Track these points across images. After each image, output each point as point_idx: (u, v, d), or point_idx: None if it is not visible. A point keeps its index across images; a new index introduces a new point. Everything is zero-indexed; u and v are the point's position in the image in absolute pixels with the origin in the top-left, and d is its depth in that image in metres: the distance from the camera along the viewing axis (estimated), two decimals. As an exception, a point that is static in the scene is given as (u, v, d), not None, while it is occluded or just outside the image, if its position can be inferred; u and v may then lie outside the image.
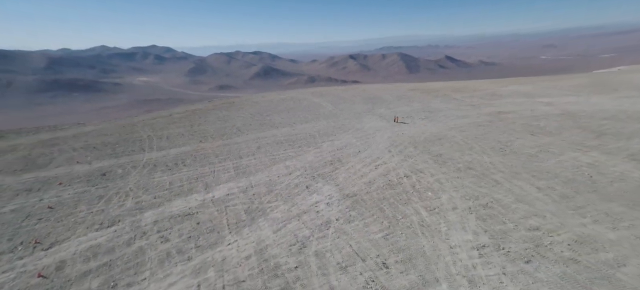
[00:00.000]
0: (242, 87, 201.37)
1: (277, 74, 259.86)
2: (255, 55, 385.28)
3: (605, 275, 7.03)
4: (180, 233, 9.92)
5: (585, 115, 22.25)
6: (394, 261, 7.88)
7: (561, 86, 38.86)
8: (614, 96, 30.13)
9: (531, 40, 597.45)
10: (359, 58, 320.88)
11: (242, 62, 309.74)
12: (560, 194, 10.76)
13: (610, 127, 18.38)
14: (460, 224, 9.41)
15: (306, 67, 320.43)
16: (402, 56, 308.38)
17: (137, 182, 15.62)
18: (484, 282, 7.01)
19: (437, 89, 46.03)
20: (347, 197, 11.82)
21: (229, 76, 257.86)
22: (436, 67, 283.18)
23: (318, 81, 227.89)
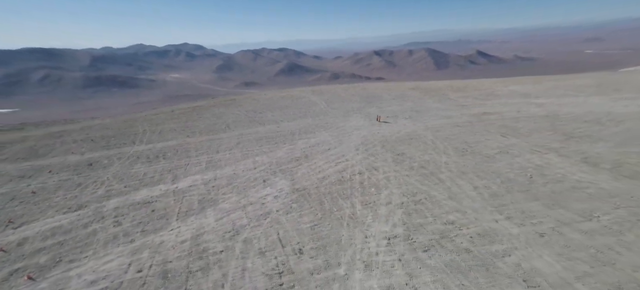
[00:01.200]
0: (266, 83, 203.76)
1: (301, 70, 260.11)
2: (281, 52, 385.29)
3: (486, 263, 7.49)
4: (133, 219, 10.92)
5: (568, 118, 22.05)
6: (309, 248, 8.56)
7: (567, 86, 38.03)
8: (613, 97, 29.45)
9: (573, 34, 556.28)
10: (384, 54, 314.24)
11: (267, 59, 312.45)
12: (492, 192, 11.12)
13: (585, 130, 18.27)
14: (385, 217, 9.97)
15: (330, 64, 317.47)
16: (430, 52, 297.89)
17: (116, 172, 16.84)
18: (378, 266, 7.60)
19: (438, 88, 45.81)
20: (296, 191, 12.53)
21: (254, 73, 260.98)
22: (466, 63, 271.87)
23: (342, 78, 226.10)
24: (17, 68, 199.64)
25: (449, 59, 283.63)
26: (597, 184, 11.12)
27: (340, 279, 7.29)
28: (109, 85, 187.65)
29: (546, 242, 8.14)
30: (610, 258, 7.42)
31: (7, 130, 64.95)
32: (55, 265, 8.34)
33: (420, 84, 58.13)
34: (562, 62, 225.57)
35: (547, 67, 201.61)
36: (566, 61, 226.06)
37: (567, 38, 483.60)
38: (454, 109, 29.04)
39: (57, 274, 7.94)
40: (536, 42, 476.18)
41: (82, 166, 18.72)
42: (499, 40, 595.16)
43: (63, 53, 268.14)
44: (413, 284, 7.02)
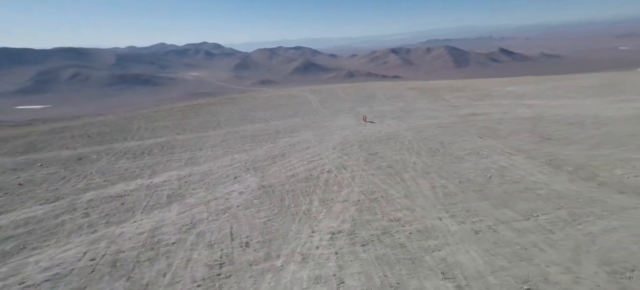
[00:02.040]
0: (281, 82, 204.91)
1: (316, 69, 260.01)
2: (297, 50, 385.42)
3: (414, 257, 7.77)
4: (102, 211, 11.51)
5: (552, 120, 21.92)
6: (256, 241, 8.96)
7: (568, 86, 37.47)
8: (610, 99, 29.00)
9: (605, 29, 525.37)
10: (401, 52, 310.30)
11: (283, 58, 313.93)
12: (447, 192, 11.33)
13: (564, 132, 18.20)
14: (337, 214, 10.31)
15: (346, 62, 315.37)
16: (449, 49, 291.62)
17: (101, 167, 17.55)
18: (315, 259, 7.96)
19: (436, 88, 45.71)
20: (262, 187, 12.95)
21: (270, 71, 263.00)
22: (488, 61, 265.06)
23: (357, 76, 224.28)
24: (50, 67, 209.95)
25: (469, 57, 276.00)
26: (551, 185, 11.22)
27: (275, 270, 7.68)
28: (132, 83, 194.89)
29: (478, 239, 8.37)
30: (530, 254, 7.62)
31: (18, 126, 67.08)
32: (19, 252, 8.94)
33: (420, 83, 57.97)
34: (592, 59, 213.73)
35: (574, 65, 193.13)
36: (597, 59, 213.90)
37: (598, 34, 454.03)
38: (444, 110, 29.07)
39: (17, 260, 8.53)
40: (563, 39, 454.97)
41: (72, 161, 19.51)
42: (522, 36, 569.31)
43: (91, 52, 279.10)
44: (340, 274, 7.35)
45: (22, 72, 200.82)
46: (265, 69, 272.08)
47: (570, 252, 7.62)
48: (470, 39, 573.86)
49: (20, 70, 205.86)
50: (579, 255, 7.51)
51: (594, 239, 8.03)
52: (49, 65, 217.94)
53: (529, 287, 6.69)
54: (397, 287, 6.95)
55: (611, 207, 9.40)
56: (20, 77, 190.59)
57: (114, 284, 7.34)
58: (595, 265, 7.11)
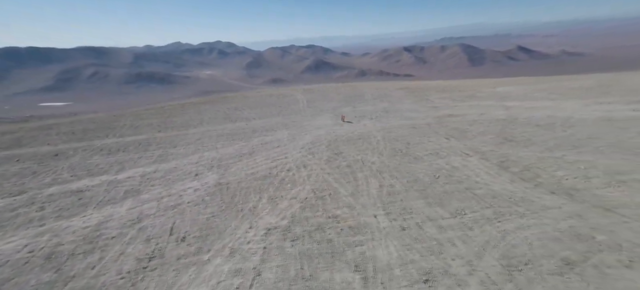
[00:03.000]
0: (293, 80, 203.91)
1: (327, 67, 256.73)
2: (308, 49, 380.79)
3: (336, 252, 8.10)
4: (57, 205, 11.87)
5: (524, 122, 22.07)
6: (193, 236, 9.28)
7: (559, 88, 37.47)
8: (589, 101, 29.06)
9: (634, 25, 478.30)
10: (415, 50, 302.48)
11: (295, 56, 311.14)
12: (392, 191, 11.59)
13: (529, 134, 18.36)
14: (281, 210, 10.60)
15: (357, 61, 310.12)
16: (463, 47, 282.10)
17: (73, 163, 17.93)
18: (242, 253, 8.27)
19: (425, 88, 45.90)
20: (219, 185, 13.27)
21: (281, 70, 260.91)
22: (504, 59, 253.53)
23: (369, 75, 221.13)
24: (71, 65, 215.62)
25: (484, 55, 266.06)
26: (490, 185, 11.46)
27: (200, 263, 7.99)
28: (148, 81, 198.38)
29: (402, 235, 8.66)
30: (442, 249, 7.91)
31: (14, 122, 67.50)
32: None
33: (411, 83, 58.08)
34: (617, 58, 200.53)
35: (597, 63, 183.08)
36: (622, 57, 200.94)
37: (627, 31, 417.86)
38: (424, 111, 29.25)
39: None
40: (587, 36, 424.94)
41: (48, 156, 19.89)
42: (542, 34, 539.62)
43: (110, 51, 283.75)
44: (260, 267, 7.66)
45: (46, 70, 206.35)
46: (277, 68, 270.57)
47: (478, 247, 7.90)
48: (486, 37, 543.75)
49: (45, 68, 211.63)
50: (484, 250, 7.79)
51: (505, 235, 8.29)
52: (71, 64, 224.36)
53: (428, 279, 6.97)
54: (309, 278, 7.24)
55: (536, 207, 9.63)
56: (44, 75, 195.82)
57: (42, 275, 7.68)
58: (494, 259, 7.39)
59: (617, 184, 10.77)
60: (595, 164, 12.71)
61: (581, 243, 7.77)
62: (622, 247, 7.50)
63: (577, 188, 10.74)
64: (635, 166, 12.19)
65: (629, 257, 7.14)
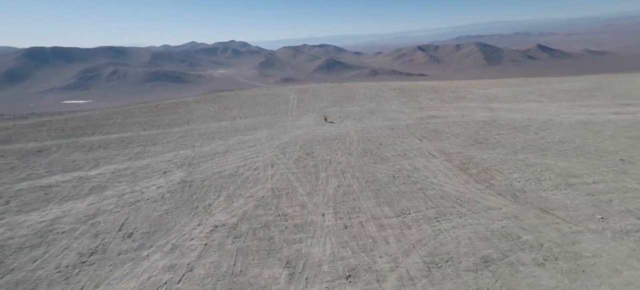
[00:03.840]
0: (304, 79, 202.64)
1: (339, 66, 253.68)
2: (321, 48, 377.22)
3: (273, 249, 8.34)
4: (23, 200, 12.16)
5: (502, 124, 22.04)
6: (141, 232, 9.48)
7: (549, 90, 37.15)
8: (575, 104, 28.90)
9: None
10: (429, 49, 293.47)
11: (307, 56, 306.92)
12: (348, 191, 11.72)
13: (501, 137, 18.34)
14: (235, 208, 10.78)
15: (370, 60, 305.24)
16: (480, 46, 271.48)
17: (53, 159, 18.25)
18: (182, 249, 8.47)
19: (418, 89, 45.74)
20: (183, 182, 13.48)
21: (294, 69, 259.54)
22: (523, 58, 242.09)
23: (381, 74, 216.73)
24: (93, 64, 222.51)
25: (502, 54, 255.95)
26: (443, 186, 11.53)
27: (138, 259, 8.18)
28: (165, 80, 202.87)
29: (343, 233, 8.82)
30: (375, 247, 8.08)
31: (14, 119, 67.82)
32: None
33: (406, 83, 57.84)
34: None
35: (622, 62, 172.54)
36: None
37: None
38: (408, 112, 29.26)
39: None
40: (613, 33, 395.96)
41: (31, 152, 20.25)
42: (564, 32, 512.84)
43: (129, 51, 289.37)
44: (194, 263, 7.85)
45: (69, 69, 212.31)
46: (289, 67, 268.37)
47: (409, 245, 8.03)
48: (505, 36, 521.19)
49: (68, 67, 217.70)
50: (414, 247, 7.92)
51: (438, 234, 8.39)
52: (93, 63, 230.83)
53: (350, 275, 7.11)
54: (238, 274, 7.41)
55: (479, 208, 9.71)
56: (68, 74, 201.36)
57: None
58: (420, 257, 7.52)
59: (566, 186, 10.79)
60: (553, 167, 12.72)
61: (506, 242, 7.86)
62: (543, 246, 7.59)
63: (525, 190, 10.78)
64: (592, 169, 12.18)
65: (544, 256, 7.22)
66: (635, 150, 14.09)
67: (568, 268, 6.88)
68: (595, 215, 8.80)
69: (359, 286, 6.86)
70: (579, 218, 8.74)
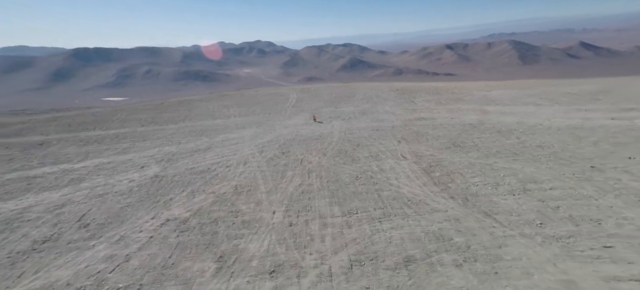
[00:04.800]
0: (327, 78, 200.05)
1: (363, 66, 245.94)
2: (345, 47, 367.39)
3: (212, 243, 8.59)
4: (7, 189, 12.88)
5: (488, 127, 21.50)
6: (96, 224, 9.87)
7: (552, 92, 35.80)
8: (573, 108, 27.86)
9: None
10: (458, 48, 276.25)
11: (331, 55, 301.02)
12: (307, 189, 11.78)
13: (479, 141, 17.84)
14: (193, 204, 11.04)
15: (395, 59, 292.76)
16: (513, 44, 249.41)
17: (49, 152, 19.15)
18: (128, 240, 8.79)
19: (417, 90, 45.14)
20: (156, 177, 13.88)
21: (317, 68, 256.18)
22: (563, 57, 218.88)
23: (406, 74, 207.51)
24: (129, 64, 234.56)
25: (539, 52, 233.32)
26: (400, 188, 11.41)
27: (85, 248, 8.55)
28: (194, 79, 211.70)
29: (285, 230, 8.98)
30: (309, 244, 8.23)
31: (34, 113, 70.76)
32: None
33: (408, 85, 57.00)
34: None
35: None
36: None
37: None
38: (400, 113, 28.95)
39: None
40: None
41: (33, 145, 21.29)
42: (613, 28, 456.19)
43: (162, 51, 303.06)
44: (134, 254, 8.13)
45: (109, 68, 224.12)
46: (313, 66, 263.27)
47: (342, 243, 8.09)
48: (542, 32, 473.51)
49: (109, 66, 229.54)
50: (346, 246, 7.94)
51: (374, 234, 8.38)
52: (130, 62, 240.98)
53: (275, 270, 7.21)
54: (169, 267, 7.63)
55: (425, 210, 9.59)
56: (108, 73, 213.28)
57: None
58: (348, 255, 7.57)
59: (521, 192, 10.48)
60: (518, 172, 12.35)
61: (436, 244, 7.76)
62: (469, 249, 7.45)
63: (478, 194, 10.54)
64: (556, 175, 11.76)
65: (466, 258, 7.11)
66: (612, 158, 13.49)
67: (483, 270, 6.74)
68: (535, 221, 8.53)
69: (278, 281, 6.94)
70: (518, 223, 8.50)
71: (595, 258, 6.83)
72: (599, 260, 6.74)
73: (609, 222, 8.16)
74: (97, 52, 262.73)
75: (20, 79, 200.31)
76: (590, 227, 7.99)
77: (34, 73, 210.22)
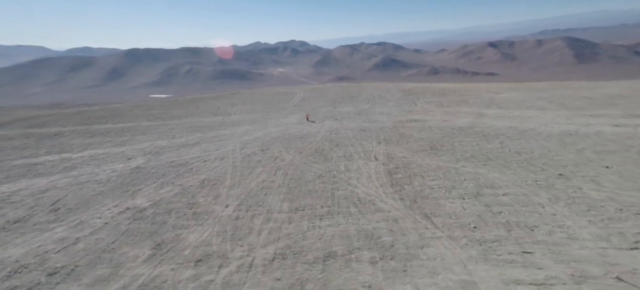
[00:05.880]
0: (359, 78, 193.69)
1: (397, 65, 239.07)
2: (379, 46, 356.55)
3: (156, 232, 8.82)
4: (9, 173, 13.99)
5: (476, 131, 20.64)
6: (66, 208, 10.52)
7: (560, 96, 33.80)
8: (578, 114, 26.19)
9: None
10: (502, 46, 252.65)
11: (364, 54, 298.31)
12: (268, 186, 11.92)
13: (459, 144, 17.14)
14: (158, 194, 11.49)
15: (431, 58, 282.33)
16: (568, 41, 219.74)
17: (59, 142, 20.53)
18: (84, 225, 9.29)
19: (425, 91, 44.11)
20: (137, 169, 14.55)
21: (349, 67, 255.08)
22: (628, 55, 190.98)
23: (442, 73, 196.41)
24: (173, 63, 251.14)
25: (598, 50, 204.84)
26: (357, 189, 11.29)
27: (45, 230, 9.15)
28: (230, 78, 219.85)
29: (229, 223, 9.14)
30: (244, 237, 8.37)
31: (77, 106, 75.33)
32: None
33: (418, 86, 55.65)
34: None
35: None
36: None
37: None
38: (395, 114, 28.48)
39: None
40: None
41: (49, 136, 22.87)
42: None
43: (202, 51, 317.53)
44: (83, 238, 8.60)
45: (156, 67, 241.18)
46: (345, 65, 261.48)
47: (276, 237, 8.21)
48: (604, 28, 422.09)
49: (156, 66, 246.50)
50: (278, 240, 8.06)
51: (309, 230, 8.42)
52: (174, 62, 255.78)
53: (201, 260, 7.43)
54: (109, 251, 8.04)
55: (370, 210, 9.47)
56: (155, 72, 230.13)
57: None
58: (274, 248, 7.73)
59: (473, 196, 10.07)
60: (481, 177, 11.86)
61: (362, 242, 7.71)
62: (392, 247, 7.37)
63: (429, 196, 10.24)
64: (518, 182, 11.19)
65: (384, 255, 7.09)
66: (587, 166, 12.64)
67: (394, 267, 6.62)
68: (470, 225, 8.19)
69: (200, 270, 7.14)
70: (452, 225, 8.20)
71: (508, 262, 6.50)
72: (510, 265, 6.42)
73: (543, 229, 7.70)
74: (146, 52, 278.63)
75: (82, 77, 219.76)
76: (521, 233, 7.58)
77: (93, 72, 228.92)
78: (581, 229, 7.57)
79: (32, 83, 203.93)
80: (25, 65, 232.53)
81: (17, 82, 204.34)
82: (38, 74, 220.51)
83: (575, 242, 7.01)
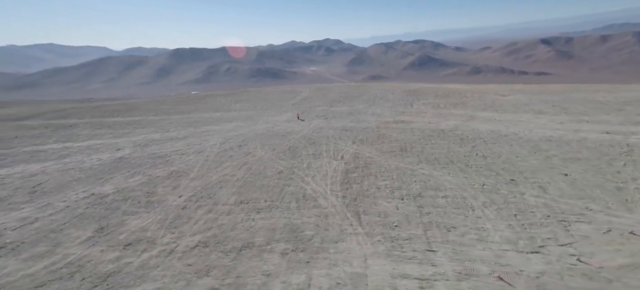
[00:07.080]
0: (393, 77, 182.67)
1: (435, 64, 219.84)
2: (416, 44, 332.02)
3: (106, 217, 9.14)
4: (15, 158, 15.12)
5: (450, 135, 19.83)
6: (42, 191, 11.20)
7: (566, 100, 31.66)
8: (575, 119, 24.74)
9: None
10: (558, 42, 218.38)
11: (399, 52, 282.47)
12: (228, 179, 12.14)
13: (431, 146, 16.64)
14: (127, 183, 11.99)
15: (473, 56, 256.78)
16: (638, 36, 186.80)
17: (69, 132, 21.79)
18: (50, 207, 9.88)
19: (427, 92, 42.91)
20: (121, 159, 15.21)
21: (383, 66, 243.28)
22: None
23: (485, 72, 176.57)
24: (214, 62, 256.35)
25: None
26: (306, 186, 11.27)
27: (15, 209, 9.81)
28: (265, 76, 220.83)
29: (174, 212, 9.49)
30: (182, 225, 8.71)
31: (111, 102, 78.66)
32: None
33: (423, 86, 54.21)
34: None
35: None
36: None
37: None
38: (387, 115, 27.98)
39: None
40: None
41: (65, 126, 24.29)
42: None
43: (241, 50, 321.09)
44: (42, 217, 9.16)
45: (198, 66, 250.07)
46: (379, 64, 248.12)
47: (208, 227, 8.53)
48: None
49: (198, 64, 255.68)
50: (209, 229, 8.35)
51: (242, 222, 8.68)
52: (215, 60, 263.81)
53: (131, 243, 7.75)
54: (58, 231, 8.52)
55: (308, 206, 9.52)
56: (197, 70, 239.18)
57: None
58: (202, 237, 8.06)
59: (412, 197, 9.78)
60: (431, 179, 11.48)
61: (285, 234, 7.81)
62: (309, 241, 7.47)
63: (370, 196, 10.06)
64: (463, 185, 10.74)
65: (297, 247, 7.35)
66: (545, 173, 11.91)
67: (300, 259, 6.66)
68: (393, 223, 8.01)
69: (125, 252, 7.43)
70: (376, 224, 8.04)
71: (407, 259, 6.33)
72: (408, 261, 6.25)
73: (459, 230, 7.39)
74: (191, 51, 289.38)
75: (134, 75, 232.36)
76: (436, 233, 7.32)
77: (144, 70, 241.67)
78: (496, 232, 7.20)
79: (94, 80, 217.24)
80: (90, 64, 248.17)
81: (82, 79, 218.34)
82: (99, 71, 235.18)
83: (481, 244, 6.70)
